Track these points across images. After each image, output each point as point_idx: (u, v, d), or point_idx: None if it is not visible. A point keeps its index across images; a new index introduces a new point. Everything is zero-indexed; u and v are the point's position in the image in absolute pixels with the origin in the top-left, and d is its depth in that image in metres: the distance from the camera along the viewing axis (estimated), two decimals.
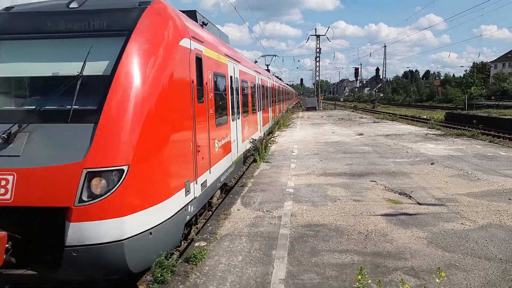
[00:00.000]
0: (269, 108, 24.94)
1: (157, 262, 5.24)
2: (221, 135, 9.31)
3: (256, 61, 28.87)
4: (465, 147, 16.36)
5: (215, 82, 8.92)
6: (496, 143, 17.84)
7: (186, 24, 6.98)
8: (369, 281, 4.18)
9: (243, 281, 5.17)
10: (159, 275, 5.15)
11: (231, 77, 11.03)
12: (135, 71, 5.29)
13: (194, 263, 5.69)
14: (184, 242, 7.62)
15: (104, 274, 4.78)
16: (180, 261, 5.74)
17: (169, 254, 5.84)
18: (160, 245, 5.34)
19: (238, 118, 12.23)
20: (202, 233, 7.09)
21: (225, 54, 10.40)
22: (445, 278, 4.09)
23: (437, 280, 3.81)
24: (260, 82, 19.41)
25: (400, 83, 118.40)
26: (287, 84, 70.48)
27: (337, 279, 5.16)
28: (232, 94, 11.13)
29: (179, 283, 5.17)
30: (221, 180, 9.43)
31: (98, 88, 5.15)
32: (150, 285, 5.04)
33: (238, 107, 12.09)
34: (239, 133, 12.31)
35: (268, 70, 35.36)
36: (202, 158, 7.44)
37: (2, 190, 4.53)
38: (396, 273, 5.25)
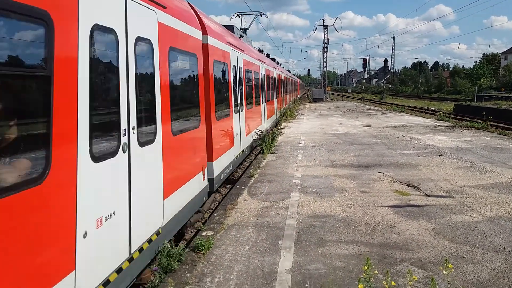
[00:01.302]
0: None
1: (163, 251, 5.27)
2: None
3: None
4: (474, 139, 16.21)
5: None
6: (505, 135, 17.63)
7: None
8: (376, 271, 4.17)
9: (250, 270, 5.19)
10: (166, 264, 5.19)
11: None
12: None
13: (201, 252, 5.73)
14: (191, 232, 7.67)
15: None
16: (187, 250, 5.78)
17: (174, 244, 5.87)
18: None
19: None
20: (209, 222, 7.12)
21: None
22: (453, 270, 4.06)
23: (445, 272, 3.79)
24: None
25: (408, 74, 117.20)
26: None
27: (343, 269, 5.16)
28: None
29: (186, 272, 5.21)
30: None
31: None
32: (157, 274, 5.08)
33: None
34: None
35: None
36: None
37: None
38: (403, 264, 5.24)
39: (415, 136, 17.53)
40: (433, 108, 40.13)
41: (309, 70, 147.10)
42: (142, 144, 4.95)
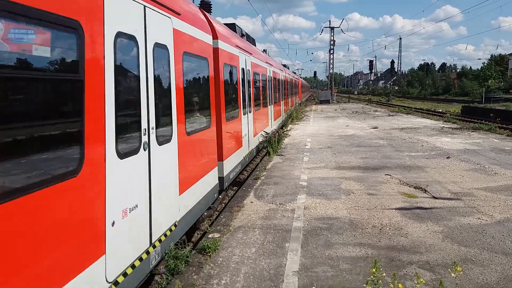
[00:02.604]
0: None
1: (170, 253, 5.29)
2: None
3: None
4: (482, 141, 16.08)
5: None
6: None
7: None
8: (384, 274, 4.15)
9: (257, 272, 5.19)
10: (173, 266, 5.21)
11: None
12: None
13: (208, 254, 5.74)
14: (198, 234, 7.69)
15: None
16: (194, 252, 5.80)
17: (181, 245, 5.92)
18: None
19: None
20: (215, 224, 7.13)
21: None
22: (461, 273, 4.04)
23: (453, 275, 3.76)
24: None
25: (415, 76, 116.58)
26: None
27: (351, 272, 5.14)
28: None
29: (193, 274, 5.22)
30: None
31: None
32: (164, 276, 5.10)
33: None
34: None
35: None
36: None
37: None
38: (411, 267, 5.21)
39: (423, 138, 17.44)
40: (441, 110, 39.83)
41: (315, 72, 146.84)
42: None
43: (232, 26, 12.18)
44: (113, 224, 4.06)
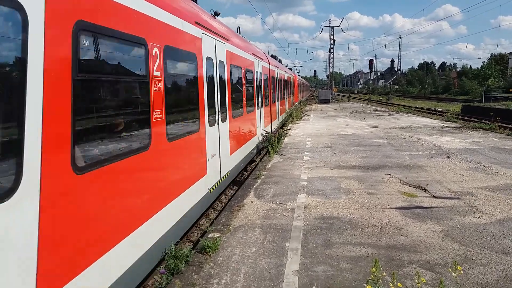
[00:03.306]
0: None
1: (171, 253, 5.30)
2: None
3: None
4: (482, 140, 16.08)
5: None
6: None
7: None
8: (384, 273, 4.14)
9: (257, 272, 5.19)
10: (173, 266, 5.21)
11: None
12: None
13: (208, 253, 5.74)
14: (198, 234, 7.68)
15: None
16: (194, 251, 5.79)
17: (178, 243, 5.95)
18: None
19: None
20: (215, 224, 7.13)
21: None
22: (461, 272, 4.04)
23: (453, 274, 3.76)
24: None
25: (415, 75, 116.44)
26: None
27: (351, 271, 5.14)
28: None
29: (193, 273, 5.22)
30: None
31: None
32: (164, 276, 5.10)
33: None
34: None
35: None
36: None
37: None
38: (411, 266, 5.21)
39: (423, 137, 17.43)
40: (441, 109, 39.82)
41: (315, 71, 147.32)
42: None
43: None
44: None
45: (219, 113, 8.58)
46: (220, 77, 8.84)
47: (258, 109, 14.71)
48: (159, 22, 5.39)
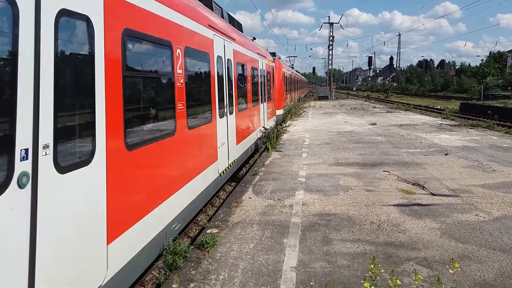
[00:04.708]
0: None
1: (169, 249, 5.30)
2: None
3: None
4: (480, 138, 16.10)
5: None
6: None
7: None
8: (382, 270, 4.15)
9: (255, 268, 5.20)
10: (171, 261, 5.21)
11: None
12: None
13: (206, 249, 5.74)
14: (196, 230, 7.69)
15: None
16: (192, 247, 5.79)
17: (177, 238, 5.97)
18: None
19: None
20: (213, 220, 7.13)
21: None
22: (459, 269, 4.04)
23: (451, 271, 3.76)
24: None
25: (414, 72, 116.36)
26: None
27: (349, 268, 5.15)
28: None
29: (191, 269, 5.22)
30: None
31: None
32: (162, 271, 5.10)
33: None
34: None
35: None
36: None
37: None
38: (409, 263, 5.22)
39: (421, 134, 17.45)
40: (439, 107, 39.88)
41: (314, 68, 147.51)
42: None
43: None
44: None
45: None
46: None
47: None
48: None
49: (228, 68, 9.77)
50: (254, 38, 14.33)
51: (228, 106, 9.61)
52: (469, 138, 16.25)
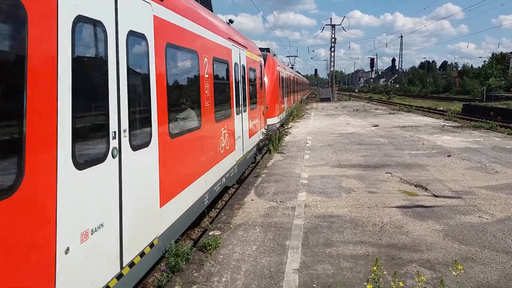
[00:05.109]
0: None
1: (171, 251, 5.31)
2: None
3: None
4: (483, 140, 16.06)
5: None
6: None
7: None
8: (385, 272, 4.14)
9: (257, 270, 5.19)
10: (173, 263, 5.21)
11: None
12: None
13: (209, 251, 5.74)
14: (199, 232, 7.68)
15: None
16: (194, 249, 5.79)
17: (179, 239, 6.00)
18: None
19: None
20: (216, 222, 7.13)
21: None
22: (462, 271, 4.03)
23: (454, 273, 3.75)
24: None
25: (416, 74, 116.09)
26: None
27: (351, 270, 5.14)
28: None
29: (193, 271, 5.22)
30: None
31: None
32: (165, 274, 5.09)
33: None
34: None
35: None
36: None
37: None
38: (412, 265, 5.20)
39: (423, 136, 17.42)
40: (441, 108, 39.76)
41: (316, 70, 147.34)
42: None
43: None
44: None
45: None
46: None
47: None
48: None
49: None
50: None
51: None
52: (472, 139, 16.21)
